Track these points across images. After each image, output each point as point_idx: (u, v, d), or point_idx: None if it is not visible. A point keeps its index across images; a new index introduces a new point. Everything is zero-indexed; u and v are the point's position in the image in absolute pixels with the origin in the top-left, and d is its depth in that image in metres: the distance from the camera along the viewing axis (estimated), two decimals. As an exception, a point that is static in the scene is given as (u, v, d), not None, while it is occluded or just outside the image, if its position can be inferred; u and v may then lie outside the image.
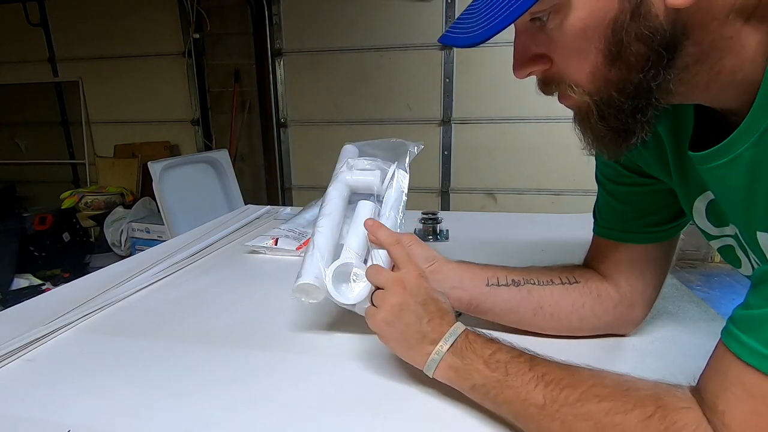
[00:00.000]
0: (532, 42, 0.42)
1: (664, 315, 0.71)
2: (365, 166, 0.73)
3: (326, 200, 0.70)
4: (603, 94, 0.41)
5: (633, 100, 0.40)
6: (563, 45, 0.40)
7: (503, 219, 1.38)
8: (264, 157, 3.55)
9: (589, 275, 0.63)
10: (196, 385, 0.57)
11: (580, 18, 0.38)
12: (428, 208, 1.19)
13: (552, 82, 0.44)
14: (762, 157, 0.38)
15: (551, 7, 0.38)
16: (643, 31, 0.37)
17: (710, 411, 0.36)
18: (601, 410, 0.40)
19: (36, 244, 3.04)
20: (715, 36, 0.37)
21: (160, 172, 2.23)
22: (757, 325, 0.35)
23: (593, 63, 0.39)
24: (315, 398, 0.53)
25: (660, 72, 0.38)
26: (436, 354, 0.49)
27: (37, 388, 0.56)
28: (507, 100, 3.05)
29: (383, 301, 0.53)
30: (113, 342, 0.67)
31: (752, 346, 0.35)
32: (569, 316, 0.62)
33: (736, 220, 0.46)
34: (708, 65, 0.38)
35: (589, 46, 0.39)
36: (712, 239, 0.53)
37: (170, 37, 3.54)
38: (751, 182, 0.40)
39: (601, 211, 0.63)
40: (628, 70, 0.39)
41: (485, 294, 0.62)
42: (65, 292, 0.85)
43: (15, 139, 4.05)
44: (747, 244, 0.45)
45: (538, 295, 0.62)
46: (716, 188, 0.46)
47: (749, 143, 0.38)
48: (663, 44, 0.37)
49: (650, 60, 0.38)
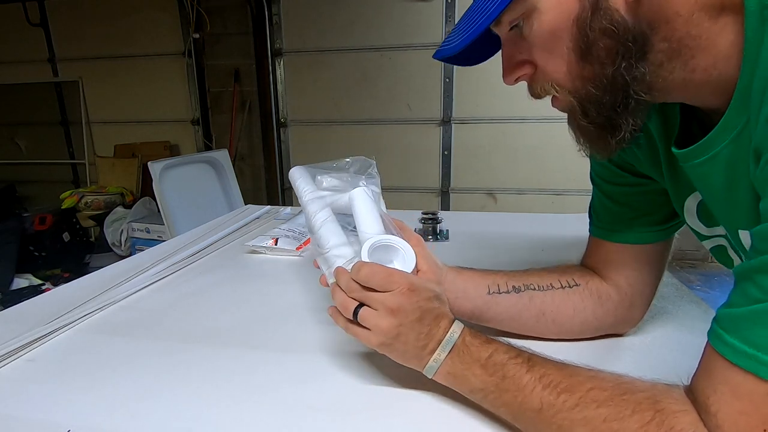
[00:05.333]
0: (516, 50, 0.46)
1: (664, 315, 0.71)
2: (334, 184, 0.64)
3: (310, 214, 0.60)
4: (582, 90, 0.43)
5: (611, 94, 0.42)
6: (539, 47, 0.43)
7: (503, 219, 1.37)
8: (264, 157, 3.55)
9: (588, 277, 0.63)
10: (196, 384, 0.57)
11: (548, 20, 0.41)
12: (428, 208, 1.19)
13: (538, 85, 0.46)
14: (740, 155, 0.39)
15: (522, 14, 0.42)
16: (606, 25, 0.39)
17: (704, 412, 0.36)
18: (599, 416, 0.39)
19: (36, 244, 3.04)
20: (682, 33, 0.38)
21: (160, 172, 2.23)
22: (739, 324, 0.35)
23: (568, 61, 0.42)
24: (315, 398, 0.53)
25: (633, 65, 0.40)
26: (434, 362, 0.49)
27: (37, 388, 0.56)
28: (507, 100, 3.05)
29: (375, 325, 0.49)
30: (113, 342, 0.67)
31: (735, 345, 0.35)
32: (571, 321, 0.62)
33: (721, 219, 0.47)
34: (681, 62, 0.39)
35: (561, 46, 0.42)
36: (704, 239, 0.54)
37: (170, 37, 3.54)
38: (730, 180, 0.41)
39: (597, 212, 0.63)
40: (600, 65, 0.41)
41: (487, 303, 0.62)
42: (65, 292, 0.85)
43: (15, 139, 4.06)
44: (735, 243, 0.46)
45: (540, 302, 0.61)
46: (700, 187, 0.47)
47: (727, 141, 0.40)
48: (629, 37, 0.39)
49: (619, 53, 0.40)
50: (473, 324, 0.62)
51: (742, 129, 0.38)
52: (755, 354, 0.33)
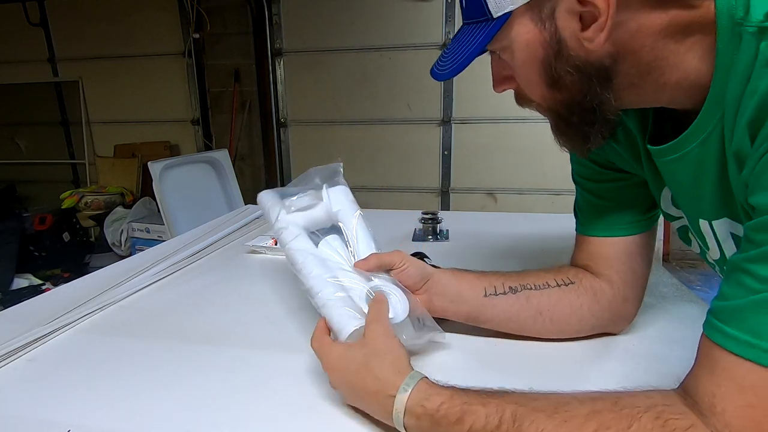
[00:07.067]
0: (501, 67, 0.51)
1: (664, 315, 0.71)
2: (304, 204, 0.66)
3: (294, 256, 0.61)
4: (554, 110, 0.49)
5: (579, 116, 0.47)
6: (517, 74, 0.49)
7: (503, 219, 1.37)
8: (264, 157, 3.55)
9: (582, 274, 0.64)
10: (197, 384, 0.57)
11: (520, 57, 0.46)
12: (428, 208, 1.19)
13: (523, 97, 0.52)
14: (706, 157, 0.43)
15: (501, 47, 0.47)
16: (568, 68, 0.44)
17: (710, 413, 0.35)
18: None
19: (36, 244, 3.04)
20: (650, 57, 0.42)
21: (160, 172, 2.23)
22: (738, 315, 0.35)
23: (541, 88, 0.47)
24: (315, 398, 0.53)
25: (598, 92, 0.45)
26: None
27: (37, 388, 0.56)
28: (507, 100, 3.00)
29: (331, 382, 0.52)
30: (113, 342, 0.67)
31: (737, 336, 0.34)
32: (568, 319, 0.62)
33: (685, 209, 0.53)
34: (652, 80, 0.44)
35: (534, 76, 0.47)
36: (674, 220, 0.58)
37: (170, 37, 3.54)
38: (696, 177, 0.46)
39: (582, 210, 0.65)
40: (569, 93, 0.46)
41: (484, 305, 0.62)
42: (65, 292, 0.85)
43: (15, 139, 4.05)
44: (693, 229, 0.52)
45: (536, 301, 0.62)
46: (669, 180, 0.52)
47: (697, 142, 0.44)
48: (594, 74, 0.44)
49: (585, 84, 0.44)
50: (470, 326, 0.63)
51: (711, 132, 0.42)
52: (759, 343, 0.33)
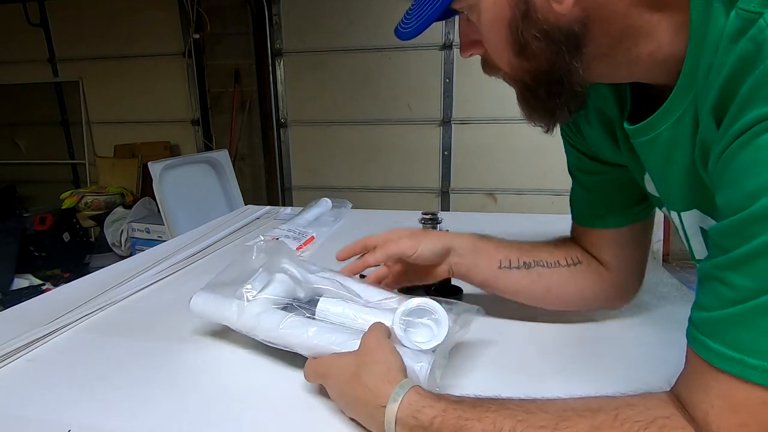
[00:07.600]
0: (469, 30, 0.48)
1: (664, 315, 0.71)
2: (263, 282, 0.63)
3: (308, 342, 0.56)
4: (520, 80, 0.47)
5: (546, 87, 0.45)
6: (484, 37, 0.46)
7: (503, 219, 1.37)
8: (264, 157, 3.55)
9: (587, 255, 0.66)
10: (197, 384, 0.57)
11: (486, 18, 0.44)
12: (428, 208, 1.19)
13: (490, 64, 0.49)
14: (677, 140, 0.41)
15: (466, 6, 0.45)
16: (534, 32, 0.41)
17: (707, 431, 0.34)
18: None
19: (36, 244, 3.04)
20: (622, 25, 0.40)
21: (160, 172, 2.23)
22: (719, 328, 0.34)
23: (507, 54, 0.45)
24: (315, 398, 0.53)
25: (567, 61, 0.42)
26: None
27: (37, 388, 0.56)
28: (507, 100, 3.03)
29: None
30: (113, 342, 0.67)
31: (722, 352, 0.33)
32: (573, 297, 0.67)
33: (662, 197, 0.51)
34: (623, 50, 0.41)
35: (500, 41, 0.44)
36: (662, 207, 0.57)
37: (170, 37, 3.54)
38: (666, 160, 0.44)
39: (577, 202, 0.68)
40: (537, 62, 0.43)
41: (497, 276, 0.66)
42: (65, 292, 0.85)
43: (15, 139, 4.05)
44: (669, 212, 0.51)
45: (547, 279, 0.65)
46: (645, 162, 0.50)
47: (668, 123, 0.42)
48: (562, 39, 0.41)
49: (552, 52, 0.42)
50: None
51: (684, 113, 0.40)
52: (743, 358, 0.32)
